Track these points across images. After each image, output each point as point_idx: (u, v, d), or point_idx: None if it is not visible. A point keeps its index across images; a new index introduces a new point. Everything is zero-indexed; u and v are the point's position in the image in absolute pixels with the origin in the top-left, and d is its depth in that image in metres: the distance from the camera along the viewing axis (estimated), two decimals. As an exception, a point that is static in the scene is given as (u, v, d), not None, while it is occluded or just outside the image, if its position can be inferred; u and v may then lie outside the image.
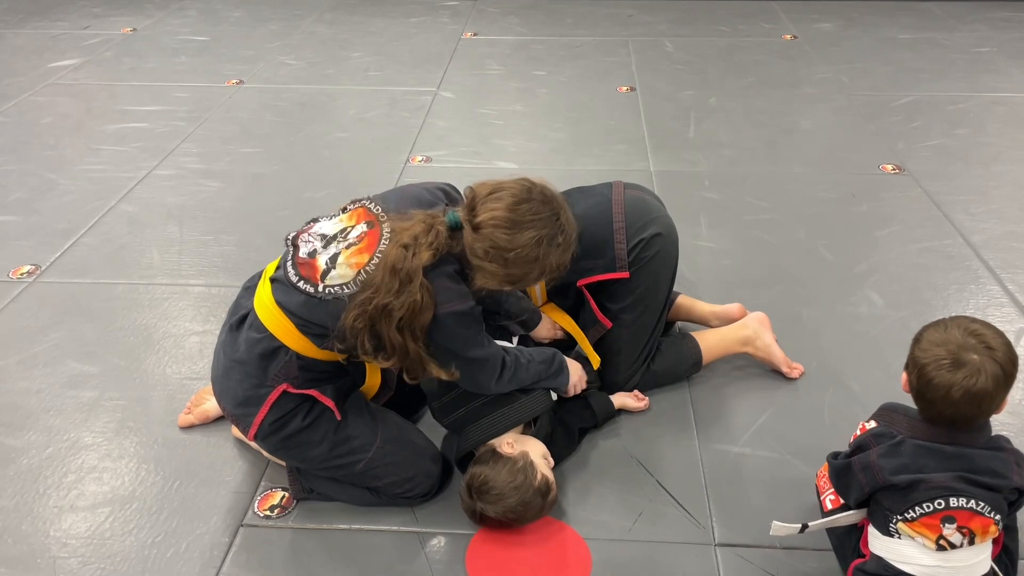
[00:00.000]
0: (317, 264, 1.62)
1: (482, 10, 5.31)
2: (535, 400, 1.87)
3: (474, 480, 1.72)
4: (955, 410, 1.40)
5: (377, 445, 1.76)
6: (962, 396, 1.38)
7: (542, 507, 1.72)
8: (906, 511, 1.43)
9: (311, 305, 1.61)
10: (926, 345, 1.44)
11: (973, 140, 3.51)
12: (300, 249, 1.66)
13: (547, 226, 1.62)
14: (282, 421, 1.68)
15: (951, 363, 1.39)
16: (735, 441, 2.00)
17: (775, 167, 3.32)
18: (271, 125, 3.76)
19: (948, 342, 1.42)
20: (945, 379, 1.39)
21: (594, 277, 2.00)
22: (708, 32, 4.86)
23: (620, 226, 1.99)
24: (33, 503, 1.86)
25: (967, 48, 4.53)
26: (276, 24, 5.09)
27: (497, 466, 1.72)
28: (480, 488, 1.70)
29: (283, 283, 1.65)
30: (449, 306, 1.61)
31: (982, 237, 2.81)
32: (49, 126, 3.76)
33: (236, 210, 3.07)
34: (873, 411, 1.60)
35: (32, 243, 2.85)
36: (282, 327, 1.64)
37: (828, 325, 2.40)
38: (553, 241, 1.63)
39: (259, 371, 1.66)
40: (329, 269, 1.60)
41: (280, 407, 1.68)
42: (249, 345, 1.67)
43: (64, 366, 2.28)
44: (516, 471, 1.70)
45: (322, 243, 1.65)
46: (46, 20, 5.16)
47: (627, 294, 2.03)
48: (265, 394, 1.67)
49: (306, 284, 1.61)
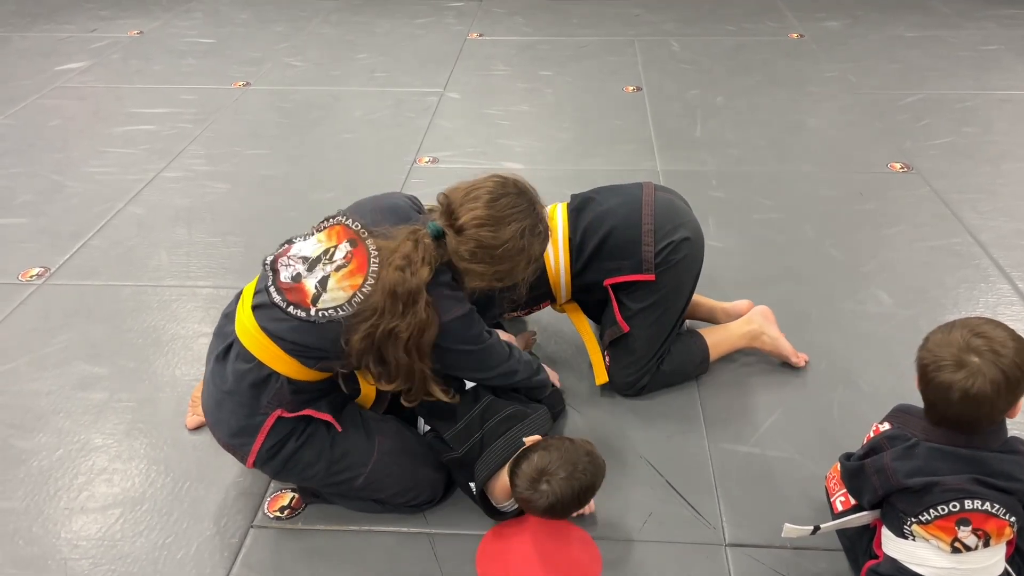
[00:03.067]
0: (305, 288, 1.58)
1: (488, 11, 5.31)
2: (541, 417, 1.85)
3: (532, 469, 1.67)
4: (954, 411, 1.40)
5: (375, 458, 1.73)
6: (960, 398, 1.38)
7: (599, 462, 1.71)
8: (920, 513, 1.42)
9: (303, 330, 1.57)
10: (930, 346, 1.44)
11: (981, 138, 3.50)
12: (281, 273, 1.62)
13: (527, 216, 1.66)
14: (278, 446, 1.66)
15: (952, 365, 1.39)
16: (745, 441, 2.00)
17: (782, 166, 3.31)
18: (278, 127, 3.77)
19: (951, 343, 1.41)
20: (944, 380, 1.39)
21: (620, 277, 2.03)
22: (714, 31, 4.86)
23: (649, 228, 2.00)
24: (44, 505, 1.87)
25: (974, 46, 4.52)
26: (282, 26, 5.10)
27: (537, 453, 1.70)
28: (543, 470, 1.66)
29: (268, 308, 1.60)
30: (451, 314, 1.62)
31: (991, 235, 2.80)
32: (57, 129, 3.77)
33: (244, 212, 3.07)
34: (882, 410, 1.60)
35: (41, 246, 2.86)
36: (270, 353, 1.60)
37: (836, 324, 2.40)
38: (535, 230, 1.67)
39: (251, 400, 1.63)
40: (320, 293, 1.57)
41: (275, 434, 1.65)
42: (238, 376, 1.63)
43: (73, 368, 2.29)
44: (559, 442, 1.72)
45: (305, 266, 1.61)
46: (53, 23, 5.18)
47: (649, 295, 2.04)
48: (260, 423, 1.63)
49: (297, 309, 1.57)
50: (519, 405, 1.86)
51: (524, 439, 1.75)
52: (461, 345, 1.68)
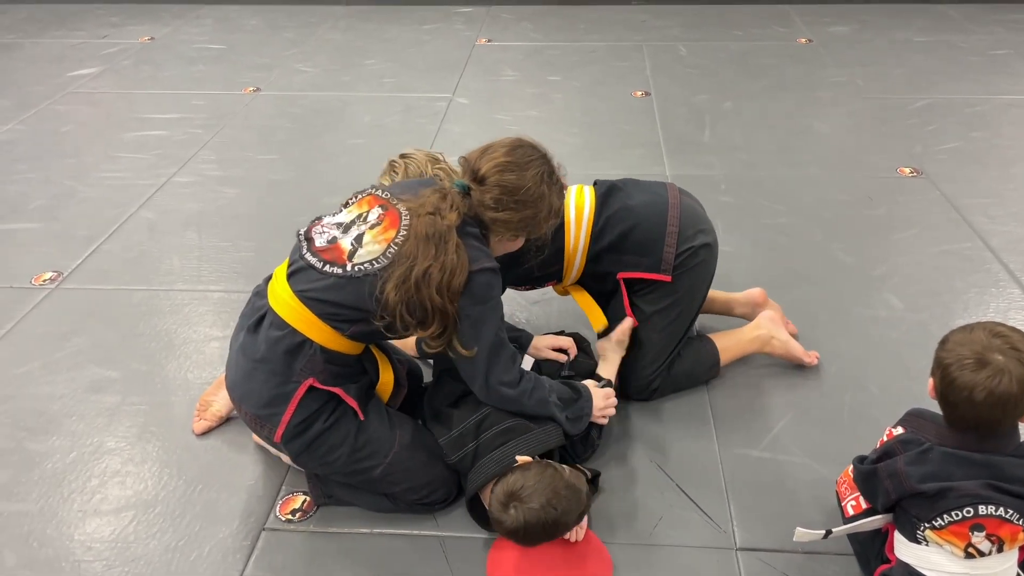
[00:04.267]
0: (341, 246, 1.64)
1: (496, 16, 5.33)
2: (547, 433, 1.77)
3: (504, 489, 1.64)
4: (978, 413, 1.39)
5: (395, 450, 1.75)
6: (985, 398, 1.36)
7: (581, 498, 1.67)
8: (934, 519, 1.42)
9: (339, 286, 1.61)
10: (951, 346, 1.43)
11: (990, 143, 3.49)
12: (315, 240, 1.67)
13: (544, 163, 1.73)
14: (306, 423, 1.68)
15: (974, 363, 1.38)
16: (755, 445, 2.00)
17: (791, 170, 3.32)
18: (287, 132, 3.79)
19: (972, 342, 1.40)
20: (968, 380, 1.37)
21: (637, 273, 2.04)
22: (722, 36, 4.86)
23: (674, 231, 2.01)
24: (57, 507, 1.88)
25: (983, 50, 4.51)
26: (291, 32, 5.13)
27: (521, 472, 1.67)
28: (514, 494, 1.62)
29: (304, 271, 1.66)
30: (480, 263, 1.63)
31: (1001, 240, 2.80)
32: (69, 134, 3.80)
33: (254, 216, 3.09)
34: (893, 414, 1.60)
35: (54, 250, 2.88)
36: (305, 319, 1.64)
37: (847, 328, 2.40)
38: (553, 177, 1.73)
39: (284, 368, 1.65)
40: (356, 249, 1.62)
41: (305, 407, 1.67)
42: (271, 343, 1.66)
43: (86, 371, 2.31)
44: (542, 467, 1.67)
45: (340, 230, 1.67)
46: (64, 29, 5.22)
47: (665, 297, 2.05)
48: (292, 391, 1.65)
49: (333, 267, 1.62)
50: (521, 419, 1.78)
51: (517, 456, 1.69)
52: (479, 307, 1.64)
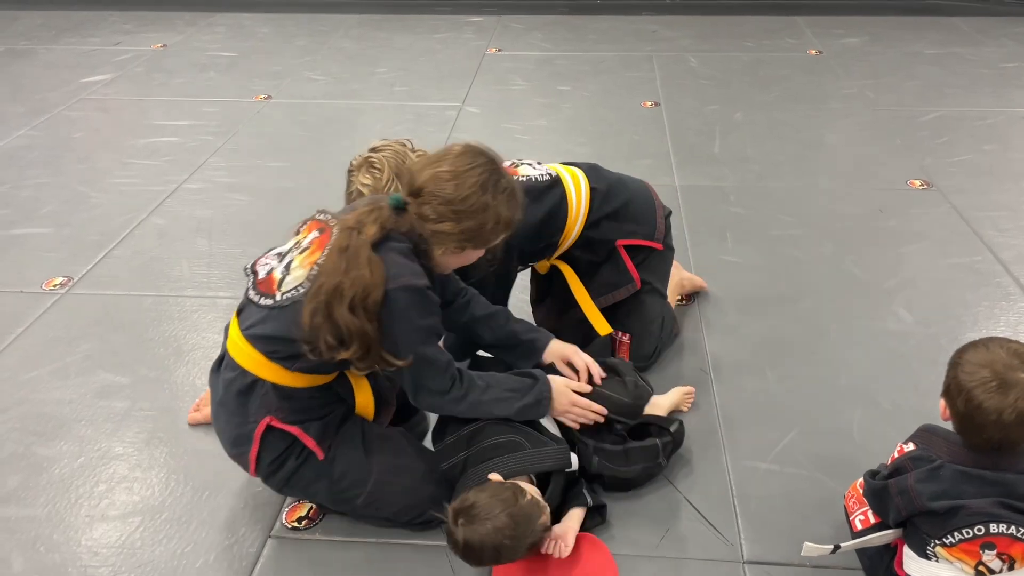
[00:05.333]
0: (274, 276, 1.63)
1: (506, 26, 5.35)
2: (539, 455, 1.73)
3: (456, 505, 1.60)
4: (1005, 434, 1.36)
5: (374, 479, 1.72)
6: (1015, 419, 1.34)
7: (530, 529, 1.60)
8: (945, 536, 1.40)
9: (272, 318, 1.59)
10: (970, 368, 1.39)
11: (1002, 156, 3.48)
12: (259, 273, 1.66)
13: (488, 171, 1.62)
14: (278, 462, 1.68)
15: (998, 385, 1.35)
16: (763, 458, 1.99)
17: (801, 182, 3.31)
18: (298, 140, 3.80)
19: (993, 363, 1.37)
20: (996, 403, 1.35)
21: (635, 240, 2.15)
22: (732, 47, 4.86)
23: (659, 204, 2.23)
24: (65, 512, 1.89)
25: (994, 63, 4.50)
26: (303, 40, 5.15)
27: (482, 489, 1.63)
28: (463, 510, 1.58)
29: (247, 308, 1.66)
30: (400, 280, 1.55)
31: (1012, 253, 2.78)
32: (81, 140, 3.83)
33: (264, 223, 3.09)
34: (903, 429, 1.59)
35: (64, 255, 2.89)
36: (252, 359, 1.63)
37: (857, 341, 2.38)
38: (498, 185, 1.62)
39: (240, 408, 1.66)
40: (284, 277, 1.61)
41: (272, 447, 1.67)
42: (226, 384, 1.67)
43: (95, 377, 2.31)
44: (503, 490, 1.62)
45: (278, 260, 1.66)
46: (78, 36, 5.26)
47: (659, 265, 2.23)
48: (251, 430, 1.66)
49: (265, 298, 1.61)
50: (518, 436, 1.75)
51: (490, 475, 1.67)
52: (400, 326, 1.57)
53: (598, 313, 2.16)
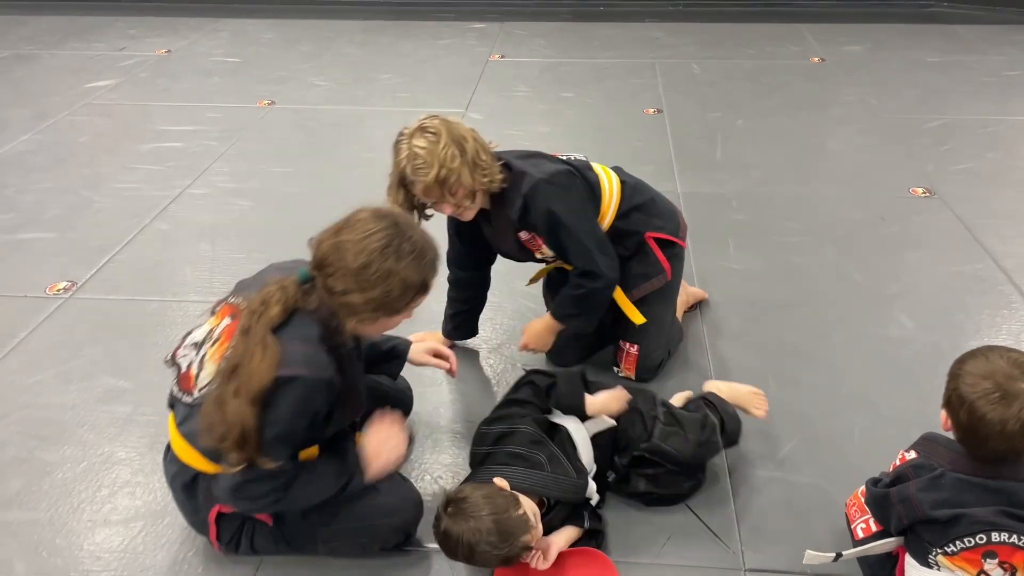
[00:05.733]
0: (192, 372, 1.60)
1: (510, 33, 5.36)
2: (561, 482, 1.73)
3: (450, 494, 1.62)
4: (1010, 444, 1.36)
5: (322, 540, 1.72)
6: (1019, 428, 1.34)
7: (510, 545, 1.57)
8: (946, 545, 1.40)
9: (194, 416, 1.55)
10: (971, 380, 1.39)
11: (1004, 163, 3.48)
12: (181, 366, 1.64)
13: (389, 235, 1.53)
14: (236, 538, 1.71)
15: (1001, 396, 1.35)
16: (765, 465, 1.99)
17: (803, 188, 3.31)
18: (301, 145, 3.82)
19: (994, 373, 1.37)
20: (999, 414, 1.34)
21: (662, 234, 2.19)
22: (735, 54, 4.87)
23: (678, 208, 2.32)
24: (67, 516, 1.89)
25: (997, 71, 4.50)
26: (307, 46, 5.17)
27: (481, 487, 1.64)
28: (455, 500, 1.59)
29: (176, 405, 1.66)
30: (290, 368, 1.47)
31: (1014, 261, 2.78)
32: (86, 145, 3.84)
33: (267, 228, 3.11)
34: (905, 436, 1.59)
35: (68, 260, 2.90)
36: (190, 455, 1.63)
37: (858, 347, 2.39)
38: (401, 248, 1.52)
39: (189, 501, 1.68)
40: (199, 372, 1.58)
41: (229, 526, 1.69)
42: (171, 478, 1.70)
43: (98, 381, 2.32)
44: (499, 496, 1.61)
45: (195, 351, 1.62)
46: (83, 42, 5.29)
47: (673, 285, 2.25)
48: (204, 518, 1.69)
49: (187, 396, 1.60)
50: (542, 456, 1.73)
51: (495, 479, 1.67)
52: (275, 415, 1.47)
53: (630, 304, 2.19)
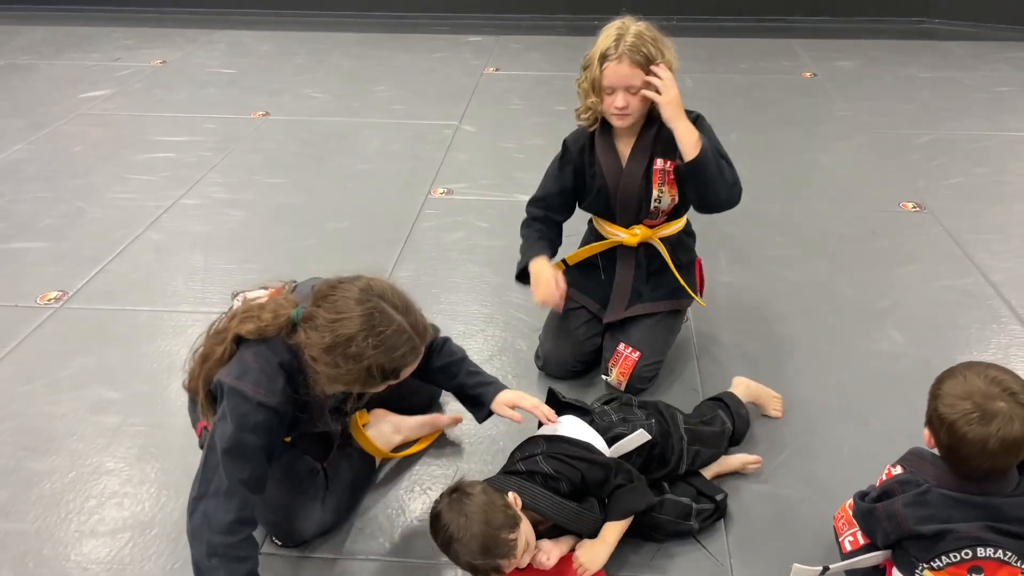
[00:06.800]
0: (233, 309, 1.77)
1: (505, 46, 5.39)
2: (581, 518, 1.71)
3: (461, 483, 1.66)
4: (992, 462, 1.38)
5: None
6: (1000, 446, 1.35)
7: (484, 558, 1.57)
8: (933, 560, 1.41)
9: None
10: (949, 400, 1.41)
11: (994, 179, 3.51)
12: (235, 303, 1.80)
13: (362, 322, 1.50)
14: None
15: (980, 416, 1.36)
16: (755, 478, 1.99)
17: (795, 203, 3.33)
18: (296, 157, 3.82)
19: (972, 394, 1.38)
20: (979, 433, 1.36)
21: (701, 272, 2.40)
22: (728, 69, 4.90)
23: None
24: (55, 527, 1.88)
25: (988, 87, 4.54)
26: (303, 58, 5.19)
27: (491, 492, 1.64)
28: (459, 489, 1.63)
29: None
30: (235, 381, 1.54)
31: (1004, 276, 2.80)
32: (80, 155, 3.84)
33: (260, 240, 3.11)
34: (894, 449, 1.60)
35: (60, 269, 2.90)
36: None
37: (849, 362, 2.39)
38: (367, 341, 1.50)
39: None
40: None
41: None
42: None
43: (89, 391, 2.31)
44: (502, 509, 1.61)
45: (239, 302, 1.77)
46: (79, 52, 5.30)
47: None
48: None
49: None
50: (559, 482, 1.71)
51: (511, 491, 1.67)
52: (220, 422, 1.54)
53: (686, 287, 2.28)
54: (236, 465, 1.52)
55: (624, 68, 2.00)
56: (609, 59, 2.01)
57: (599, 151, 2.18)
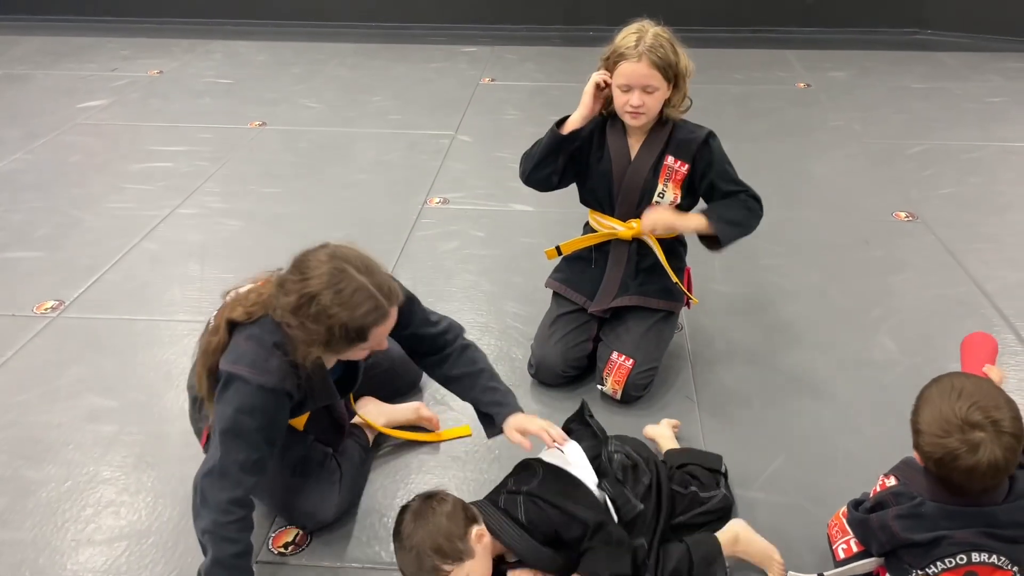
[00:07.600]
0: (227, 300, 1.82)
1: (500, 56, 5.42)
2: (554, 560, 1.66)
3: (435, 491, 1.65)
4: (983, 484, 1.39)
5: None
6: (990, 469, 1.36)
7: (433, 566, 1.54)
8: (927, 566, 1.42)
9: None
10: (931, 440, 1.40)
11: (987, 189, 3.53)
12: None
13: (335, 276, 1.56)
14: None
15: (968, 449, 1.36)
16: (748, 486, 2.00)
17: (789, 213, 3.34)
18: (292, 166, 3.84)
19: (950, 427, 1.38)
20: (968, 463, 1.36)
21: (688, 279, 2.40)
22: (723, 79, 4.93)
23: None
24: (51, 536, 1.88)
25: (980, 98, 4.58)
26: (299, 68, 5.21)
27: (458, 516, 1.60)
28: (431, 497, 1.62)
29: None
30: (231, 365, 1.59)
31: (996, 285, 2.82)
32: (76, 164, 3.85)
33: (256, 249, 3.11)
34: (887, 458, 1.61)
35: (56, 279, 2.90)
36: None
37: (842, 370, 2.41)
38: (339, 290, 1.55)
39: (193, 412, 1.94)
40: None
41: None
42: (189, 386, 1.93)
43: (84, 400, 2.32)
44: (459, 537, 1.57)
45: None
46: (76, 62, 5.31)
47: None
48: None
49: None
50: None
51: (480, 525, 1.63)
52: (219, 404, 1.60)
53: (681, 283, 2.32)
54: (233, 446, 1.57)
55: (643, 68, 2.05)
56: (628, 58, 2.04)
57: (610, 137, 2.22)
